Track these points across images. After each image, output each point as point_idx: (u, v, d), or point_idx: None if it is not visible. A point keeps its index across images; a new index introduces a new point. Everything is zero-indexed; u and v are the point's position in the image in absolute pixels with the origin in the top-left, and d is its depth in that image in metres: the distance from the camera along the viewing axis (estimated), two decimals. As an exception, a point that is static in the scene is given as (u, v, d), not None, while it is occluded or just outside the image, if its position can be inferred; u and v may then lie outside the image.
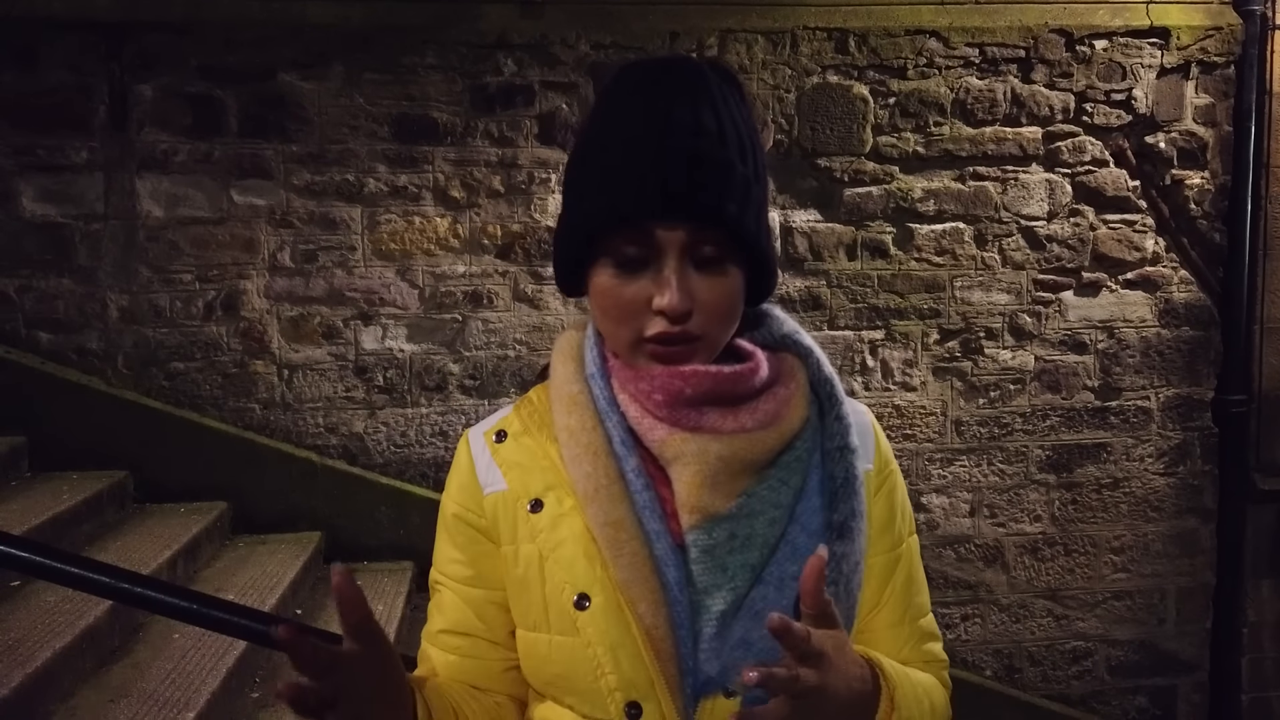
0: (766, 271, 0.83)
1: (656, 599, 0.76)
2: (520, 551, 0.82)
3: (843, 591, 0.79)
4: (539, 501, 0.82)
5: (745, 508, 0.78)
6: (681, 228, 0.76)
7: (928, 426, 3.49)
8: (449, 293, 3.22)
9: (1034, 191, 3.47)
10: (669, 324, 0.77)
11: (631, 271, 0.78)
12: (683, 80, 0.78)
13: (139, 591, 1.35)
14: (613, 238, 0.78)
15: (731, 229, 0.77)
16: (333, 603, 2.59)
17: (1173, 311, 3.58)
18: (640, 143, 0.76)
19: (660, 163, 0.75)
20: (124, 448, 2.96)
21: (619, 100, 0.80)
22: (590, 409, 0.83)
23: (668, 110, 0.76)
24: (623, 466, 0.80)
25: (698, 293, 0.78)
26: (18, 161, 2.99)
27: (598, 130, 0.81)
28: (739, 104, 0.81)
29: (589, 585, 0.78)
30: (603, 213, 0.77)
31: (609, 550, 0.77)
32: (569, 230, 0.82)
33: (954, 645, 3.54)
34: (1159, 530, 3.63)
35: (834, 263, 3.40)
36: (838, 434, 0.83)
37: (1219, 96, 3.51)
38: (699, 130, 0.76)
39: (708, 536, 0.77)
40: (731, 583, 0.77)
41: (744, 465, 0.79)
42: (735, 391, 0.80)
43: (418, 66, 3.13)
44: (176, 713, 1.90)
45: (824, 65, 3.33)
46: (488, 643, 0.86)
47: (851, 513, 0.81)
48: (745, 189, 0.78)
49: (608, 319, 0.81)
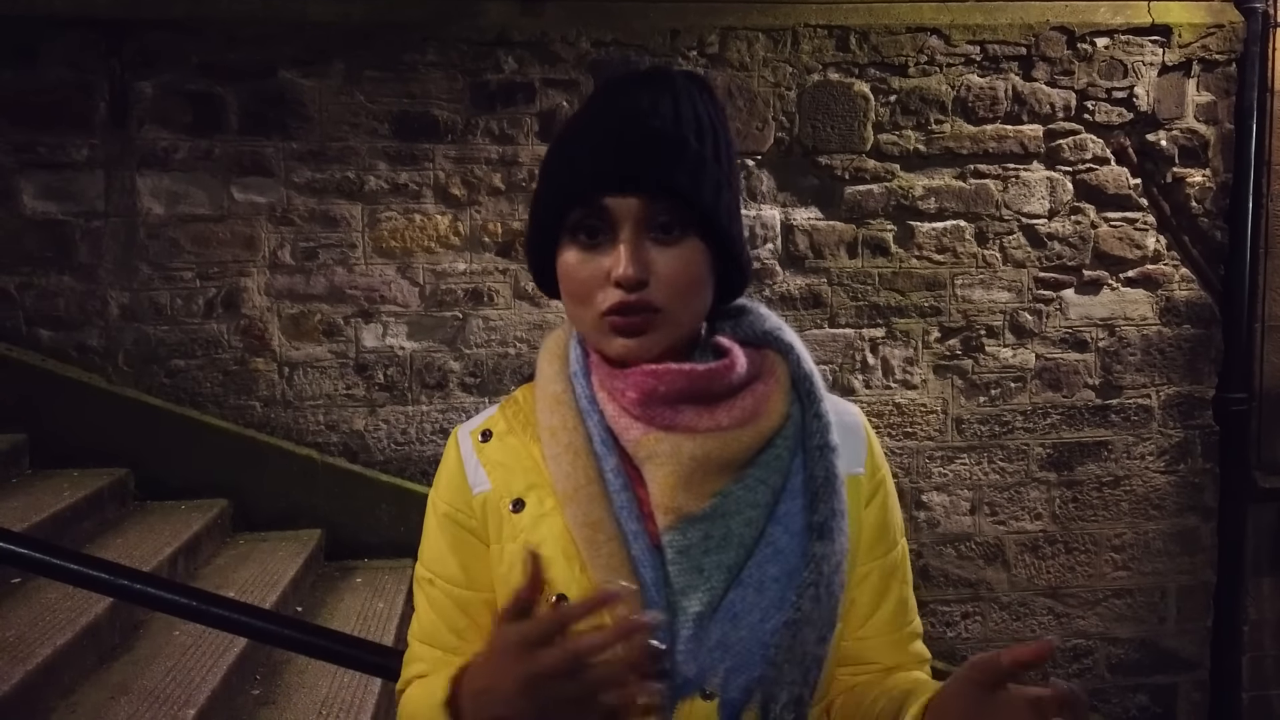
0: (738, 264, 0.83)
1: (633, 600, 0.75)
2: (505, 551, 0.82)
3: (824, 593, 0.78)
4: (520, 501, 0.82)
5: (720, 508, 0.77)
6: (634, 197, 0.76)
7: (928, 424, 3.48)
8: (449, 290, 3.22)
9: (1035, 189, 3.47)
10: (625, 294, 0.77)
11: (591, 249, 0.79)
12: (649, 80, 0.81)
13: (139, 589, 1.35)
14: (570, 213, 0.79)
15: (685, 198, 0.77)
16: (333, 600, 2.58)
17: (1174, 309, 3.58)
18: (598, 127, 0.79)
19: (613, 140, 0.77)
20: (125, 445, 2.97)
21: (590, 103, 0.83)
22: (572, 408, 0.82)
23: (628, 102, 0.79)
24: (602, 466, 0.80)
25: (654, 264, 0.78)
26: (18, 159, 2.99)
27: (567, 130, 0.83)
28: (707, 102, 0.82)
29: (567, 586, 0.78)
30: (560, 193, 0.79)
31: (587, 551, 0.77)
32: (534, 217, 0.84)
33: (954, 643, 3.53)
34: (1160, 528, 3.63)
35: (835, 261, 3.40)
36: (817, 432, 0.82)
37: (1220, 94, 3.50)
38: (654, 113, 0.78)
39: (683, 537, 0.77)
40: (708, 584, 0.76)
41: (719, 464, 0.78)
42: (710, 389, 0.79)
43: (418, 64, 3.12)
44: (177, 710, 1.90)
45: (825, 63, 3.33)
46: (482, 641, 0.85)
47: (832, 512, 0.79)
48: (699, 164, 0.78)
49: (572, 299, 0.81)
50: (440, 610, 0.87)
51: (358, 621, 2.60)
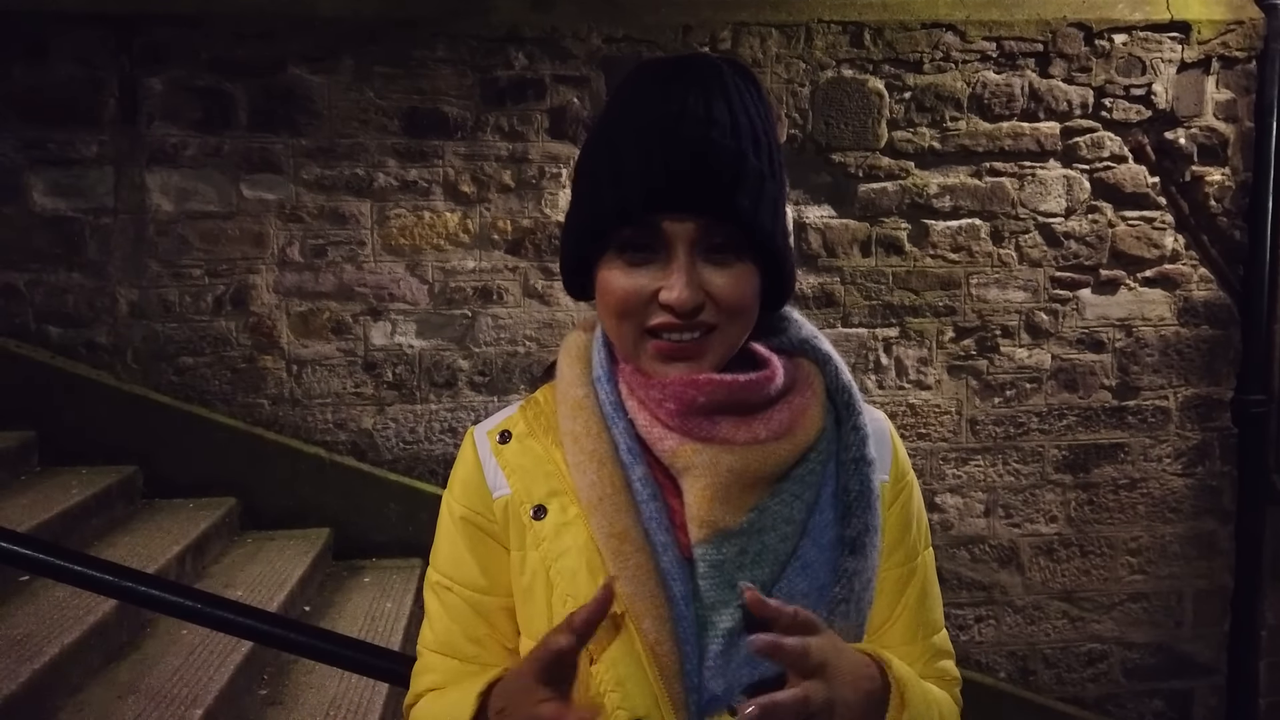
0: (784, 273, 0.80)
1: (662, 614, 0.73)
2: (527, 559, 0.80)
3: (853, 610, 0.76)
4: (542, 508, 0.80)
5: (756, 523, 0.75)
6: (691, 220, 0.73)
7: (942, 425, 3.45)
8: (459, 288, 3.20)
9: (1051, 188, 3.43)
10: (674, 317, 0.75)
11: (638, 264, 0.75)
12: (697, 74, 0.76)
13: (144, 591, 1.33)
14: (620, 231, 0.75)
15: (745, 224, 0.74)
16: (340, 599, 2.54)
17: (1192, 310, 3.53)
18: (650, 133, 0.74)
19: (669, 153, 0.72)
20: (133, 443, 2.96)
21: (631, 95, 0.78)
22: (596, 414, 0.80)
23: (680, 102, 0.74)
24: (629, 475, 0.78)
25: (709, 284, 0.75)
26: (28, 155, 2.98)
27: (609, 124, 0.79)
28: (756, 101, 0.78)
29: (590, 598, 0.76)
30: (611, 207, 0.75)
31: (613, 562, 0.75)
32: (577, 226, 0.80)
33: (968, 647, 3.50)
34: (1176, 532, 3.58)
35: (848, 259, 3.36)
36: (854, 445, 0.80)
37: (1240, 92, 3.45)
38: (710, 120, 0.73)
39: (717, 551, 0.75)
40: (740, 599, 0.74)
41: (756, 478, 0.76)
42: (749, 400, 0.77)
43: (428, 60, 3.11)
44: (185, 709, 1.89)
45: (838, 59, 3.29)
46: (502, 650, 0.84)
47: (865, 528, 0.78)
48: (759, 182, 0.75)
49: (611, 315, 0.78)
50: (458, 617, 0.84)
51: (365, 621, 2.59)
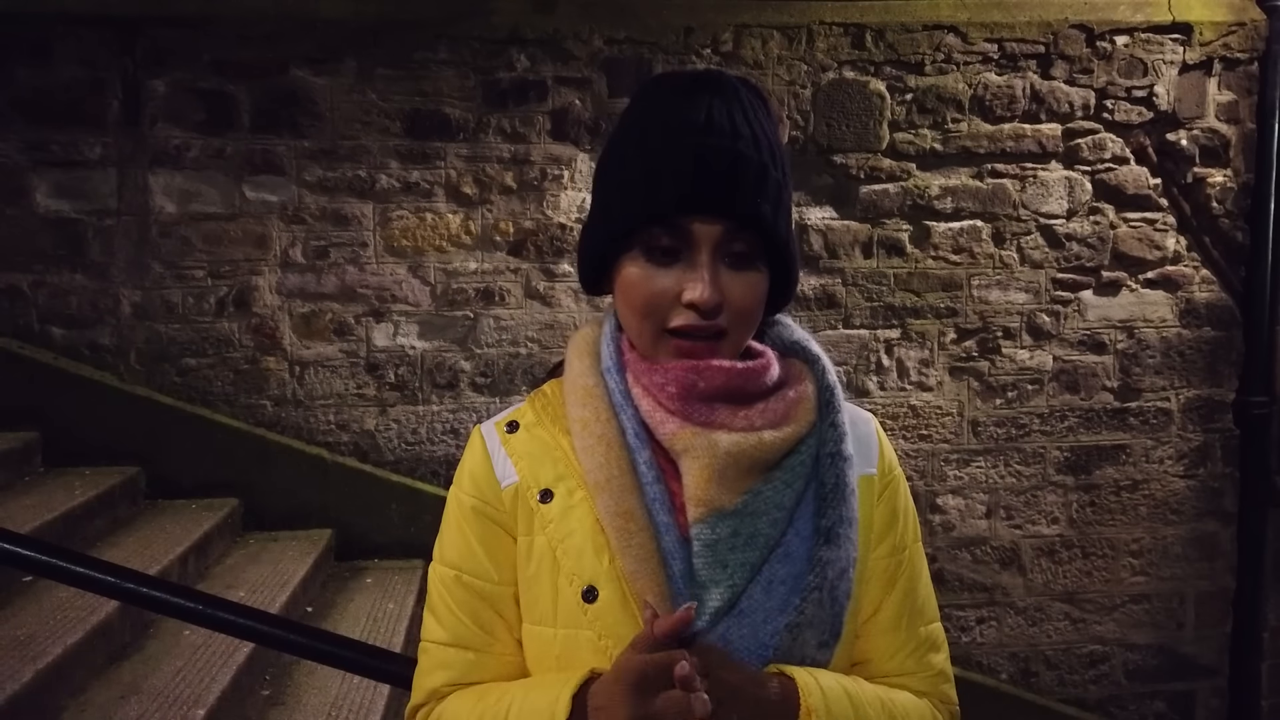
0: (790, 279, 0.86)
1: (662, 591, 0.76)
2: (534, 543, 0.82)
3: (827, 598, 0.79)
4: (549, 491, 0.83)
5: (750, 505, 0.79)
6: (718, 223, 0.78)
7: (944, 427, 3.44)
8: (461, 290, 3.20)
9: (1053, 189, 3.43)
10: (698, 317, 0.79)
11: (662, 263, 0.79)
12: (718, 88, 0.81)
13: (145, 592, 1.33)
14: (646, 230, 0.79)
15: (766, 230, 0.79)
16: (343, 600, 2.56)
17: (1194, 311, 3.53)
18: (683, 139, 0.78)
19: (702, 159, 0.77)
20: (136, 444, 2.97)
21: (656, 102, 0.83)
22: (605, 401, 0.83)
23: (706, 112, 0.79)
24: (635, 459, 0.81)
25: (727, 289, 0.79)
26: (31, 157, 2.99)
27: (637, 129, 0.83)
28: (767, 119, 0.83)
29: (595, 577, 0.79)
30: (643, 207, 0.79)
31: (618, 541, 0.78)
32: (604, 224, 0.83)
33: (969, 648, 3.50)
34: (1178, 533, 3.58)
35: (849, 261, 3.36)
36: (831, 440, 0.84)
37: (1242, 93, 3.45)
38: (736, 133, 0.78)
39: (711, 531, 0.78)
40: (730, 579, 0.77)
41: (750, 463, 0.79)
42: (747, 388, 0.81)
43: (430, 62, 3.11)
44: (187, 709, 1.89)
45: (840, 61, 3.29)
46: (512, 640, 0.85)
47: (839, 519, 0.81)
48: (778, 193, 0.80)
49: (633, 311, 0.81)
50: (467, 609, 0.84)
51: (368, 622, 2.59)
